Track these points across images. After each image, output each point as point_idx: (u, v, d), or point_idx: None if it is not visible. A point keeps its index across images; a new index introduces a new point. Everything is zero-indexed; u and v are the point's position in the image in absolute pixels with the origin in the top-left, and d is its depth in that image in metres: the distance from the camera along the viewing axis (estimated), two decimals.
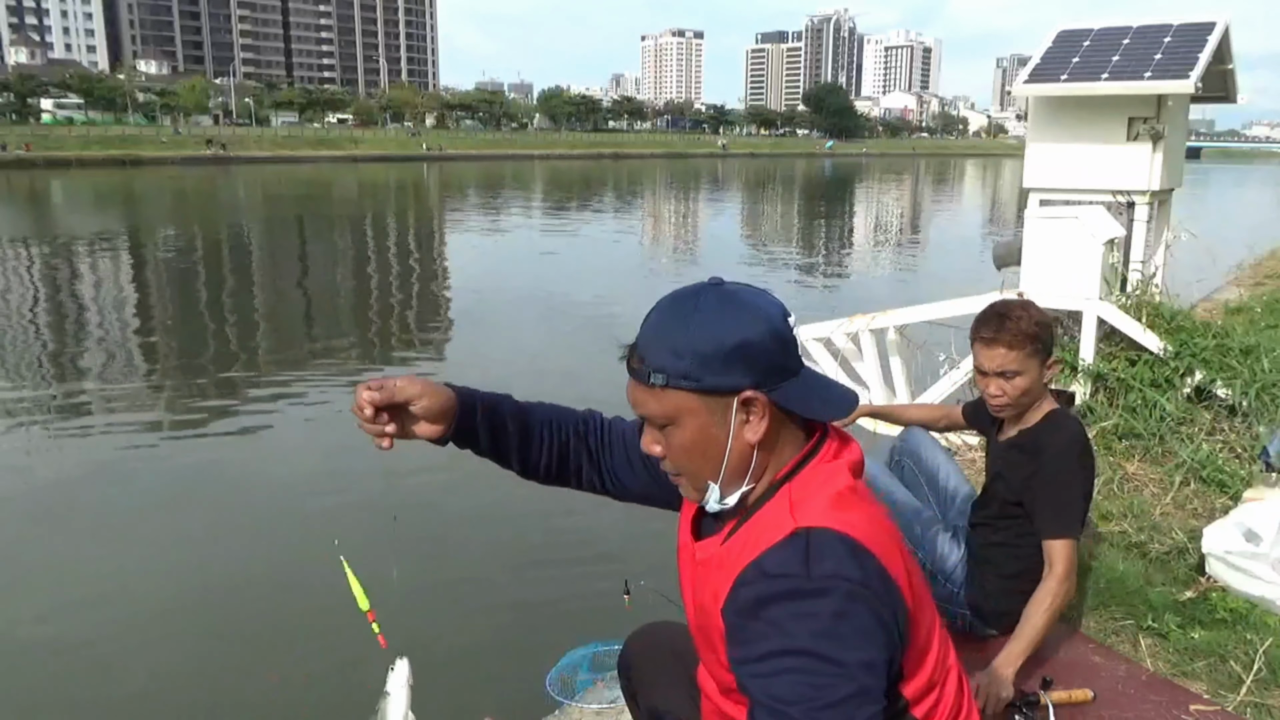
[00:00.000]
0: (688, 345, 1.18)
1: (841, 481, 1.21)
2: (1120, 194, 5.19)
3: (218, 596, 4.72)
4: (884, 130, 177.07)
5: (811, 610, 1.07)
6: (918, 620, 1.20)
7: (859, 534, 1.14)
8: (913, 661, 1.21)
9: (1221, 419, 4.17)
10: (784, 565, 1.11)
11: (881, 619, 1.10)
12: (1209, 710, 2.27)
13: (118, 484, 6.27)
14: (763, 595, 1.10)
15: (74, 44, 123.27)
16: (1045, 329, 2.40)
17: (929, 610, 1.27)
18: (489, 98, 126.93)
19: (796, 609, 1.08)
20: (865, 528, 1.16)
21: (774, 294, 1.25)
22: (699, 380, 1.18)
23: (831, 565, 1.10)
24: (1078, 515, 2.33)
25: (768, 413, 1.19)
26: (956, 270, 15.94)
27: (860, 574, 1.10)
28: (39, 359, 10.01)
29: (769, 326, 1.19)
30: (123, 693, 3.97)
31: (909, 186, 55.04)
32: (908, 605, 1.16)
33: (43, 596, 4.74)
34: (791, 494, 1.20)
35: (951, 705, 1.28)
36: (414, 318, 13.09)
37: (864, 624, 1.08)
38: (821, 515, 1.15)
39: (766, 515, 1.20)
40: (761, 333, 1.18)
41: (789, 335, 1.21)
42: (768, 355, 1.18)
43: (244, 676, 4.06)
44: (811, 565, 1.10)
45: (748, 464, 1.23)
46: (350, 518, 5.72)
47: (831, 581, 1.09)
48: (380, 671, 1.34)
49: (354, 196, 38.71)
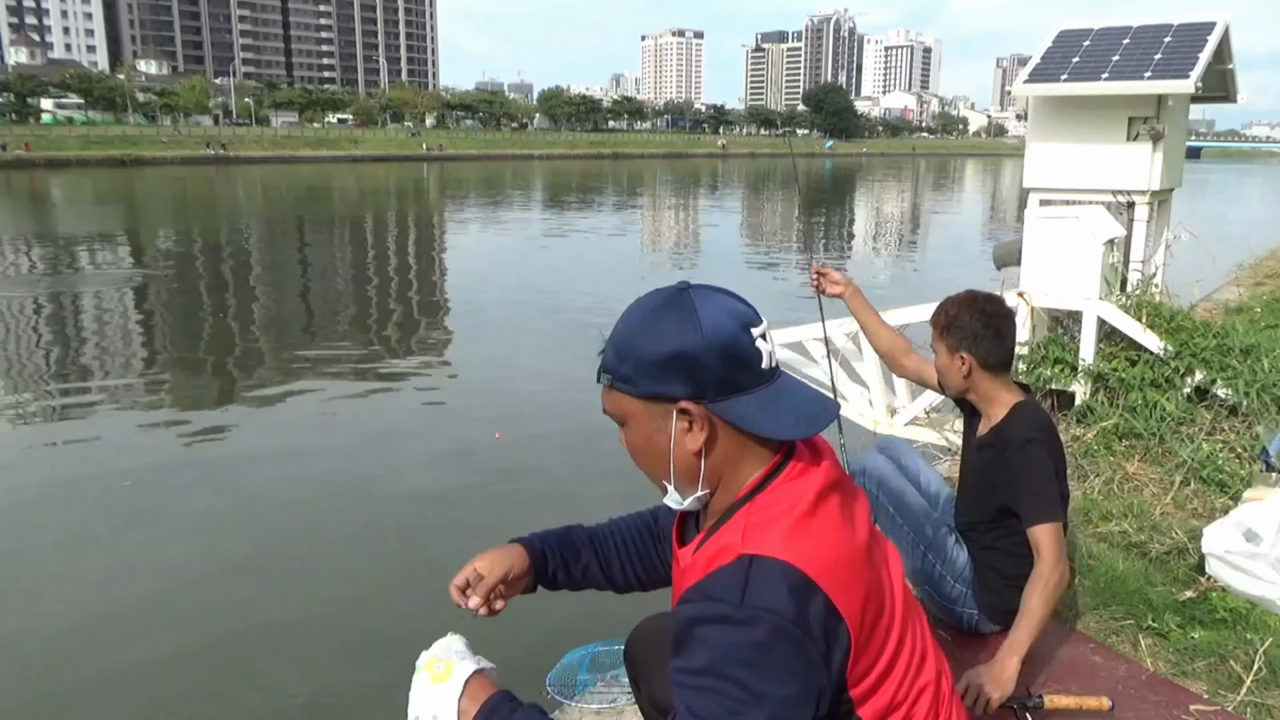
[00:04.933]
0: (630, 349, 1.19)
1: (803, 505, 1.18)
2: (1120, 194, 5.18)
3: (221, 595, 4.72)
4: (884, 130, 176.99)
5: (738, 639, 1.08)
6: (870, 649, 1.20)
7: (808, 567, 1.12)
8: (867, 686, 1.21)
9: (1221, 419, 4.17)
10: (722, 591, 1.12)
11: (809, 658, 1.10)
12: (1209, 710, 2.27)
13: (118, 483, 6.27)
14: (698, 615, 1.12)
15: (74, 44, 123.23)
16: (955, 317, 2.44)
17: (896, 633, 1.25)
18: (489, 98, 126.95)
19: (724, 635, 1.09)
20: (818, 559, 1.14)
21: (748, 302, 1.23)
22: (636, 385, 1.19)
23: (767, 598, 1.09)
24: (1054, 499, 2.33)
25: (707, 425, 1.19)
26: (956, 270, 15.94)
27: (793, 611, 1.09)
28: (39, 359, 10.00)
29: (716, 338, 1.16)
30: (125, 691, 3.97)
31: (909, 186, 55.03)
32: (850, 640, 1.15)
33: (46, 596, 4.74)
34: (749, 516, 1.19)
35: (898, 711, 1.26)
36: (414, 317, 13.09)
37: (787, 661, 1.08)
38: (771, 544, 1.14)
39: (724, 535, 1.20)
40: (705, 344, 1.16)
41: (742, 349, 1.18)
42: (708, 368, 1.16)
43: (245, 675, 4.06)
44: (747, 595, 1.10)
45: (695, 471, 1.22)
46: (352, 516, 5.72)
47: (762, 614, 1.08)
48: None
49: (354, 196, 38.71)
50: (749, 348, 1.18)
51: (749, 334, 1.19)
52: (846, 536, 1.21)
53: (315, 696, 3.92)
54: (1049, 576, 2.21)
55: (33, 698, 3.90)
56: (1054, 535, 2.26)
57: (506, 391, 8.56)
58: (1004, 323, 2.46)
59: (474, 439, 7.14)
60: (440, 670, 1.41)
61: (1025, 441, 2.38)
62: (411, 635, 4.68)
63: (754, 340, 1.19)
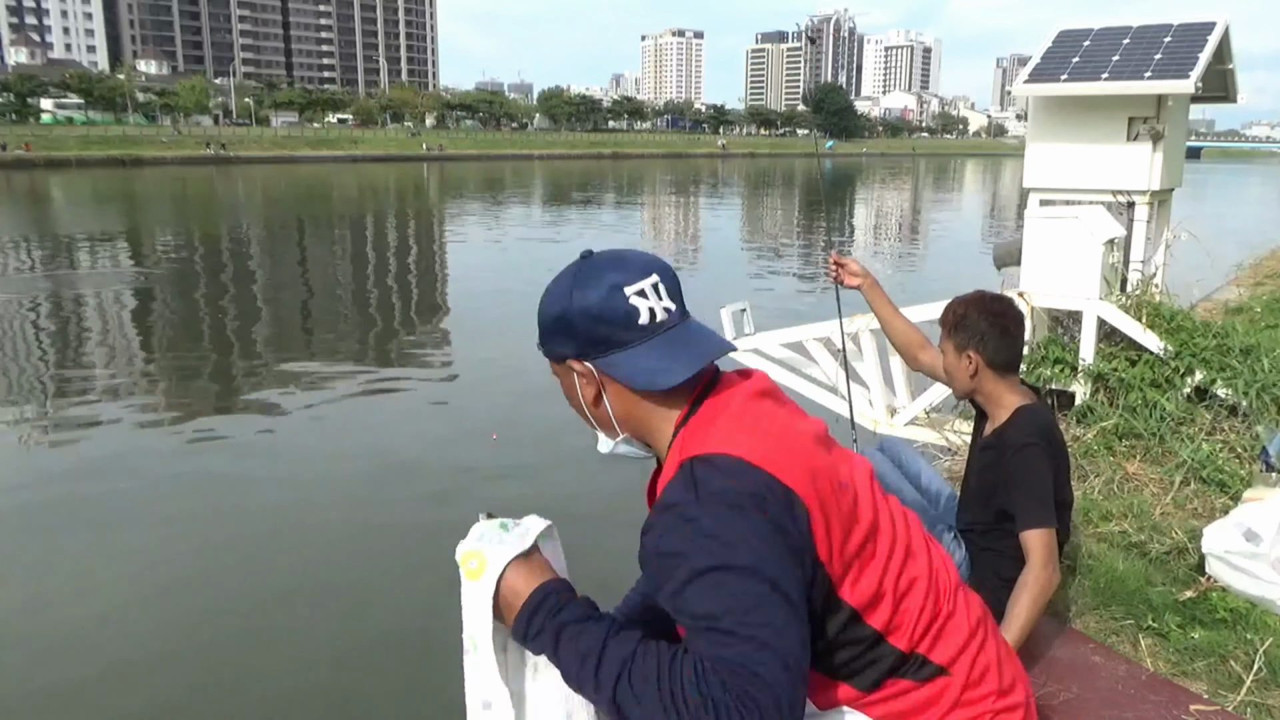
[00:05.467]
0: (538, 315, 1.33)
1: (732, 406, 1.25)
2: (1120, 194, 5.18)
3: (220, 595, 4.72)
4: (884, 130, 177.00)
5: (700, 530, 1.12)
6: (835, 525, 1.21)
7: (743, 450, 1.18)
8: (843, 567, 1.22)
9: (1221, 419, 4.16)
10: (673, 496, 1.17)
11: (776, 523, 1.14)
12: (1209, 710, 2.26)
13: (115, 484, 6.27)
14: (658, 527, 1.16)
15: (74, 44, 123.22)
16: (963, 316, 2.44)
17: (866, 520, 1.25)
18: (489, 98, 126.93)
19: (686, 533, 1.13)
20: (752, 442, 1.19)
21: (645, 259, 1.31)
22: (542, 346, 1.34)
23: (715, 484, 1.14)
24: (1047, 504, 2.33)
25: (594, 379, 1.29)
26: (956, 270, 15.94)
27: (739, 484, 1.14)
28: (37, 359, 10.00)
29: (582, 302, 1.26)
30: (123, 691, 3.97)
31: (909, 186, 55.03)
32: (807, 508, 1.17)
33: (43, 596, 4.74)
34: (684, 437, 1.25)
35: (916, 618, 1.27)
36: (413, 317, 13.08)
37: (751, 528, 1.12)
38: (705, 443, 1.20)
39: (668, 466, 1.26)
40: (574, 309, 1.26)
41: (610, 309, 1.25)
42: (579, 330, 1.27)
43: (245, 675, 4.06)
44: (697, 489, 1.15)
45: (605, 418, 1.33)
46: (349, 515, 5.72)
47: (712, 498, 1.13)
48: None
49: (354, 197, 38.71)
50: (619, 307, 1.25)
51: (621, 294, 1.25)
52: (784, 422, 1.27)
53: (314, 696, 3.92)
54: (1035, 583, 2.21)
55: (31, 698, 3.90)
56: (1044, 541, 2.26)
57: (504, 392, 8.55)
58: (1012, 323, 2.46)
59: (471, 439, 7.13)
60: (475, 566, 1.31)
61: (1022, 446, 2.37)
62: (410, 633, 4.69)
63: (628, 299, 1.25)
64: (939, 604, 1.31)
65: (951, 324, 2.47)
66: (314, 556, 5.22)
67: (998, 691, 1.32)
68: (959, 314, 2.47)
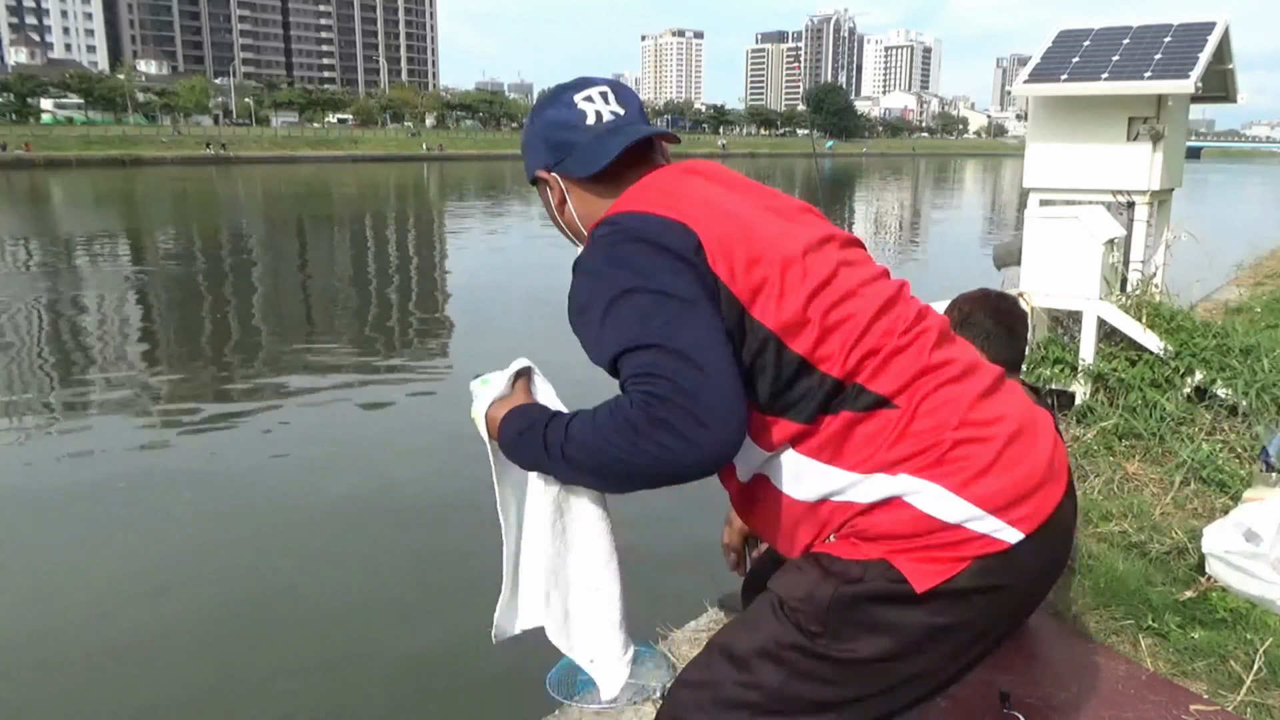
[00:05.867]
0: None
1: (648, 183, 1.31)
2: (1120, 194, 5.19)
3: (217, 595, 4.72)
4: (884, 130, 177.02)
5: (598, 274, 1.20)
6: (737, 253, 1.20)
7: (643, 206, 1.25)
8: (751, 291, 1.19)
9: (1221, 419, 4.17)
10: (582, 256, 1.26)
11: (665, 246, 1.18)
12: (1209, 710, 2.27)
13: (114, 483, 6.27)
14: (570, 293, 1.24)
15: (74, 44, 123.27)
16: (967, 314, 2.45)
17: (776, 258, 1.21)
18: (489, 98, 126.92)
19: (589, 281, 1.21)
20: (651, 200, 1.25)
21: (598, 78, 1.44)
22: (527, 174, 1.48)
23: (608, 234, 1.23)
24: None
25: (558, 185, 1.40)
26: (956, 270, 15.94)
27: (630, 227, 1.22)
28: (36, 359, 10.00)
29: (538, 116, 1.43)
30: (122, 692, 3.97)
31: (909, 186, 55.03)
32: (698, 236, 1.19)
33: (39, 598, 4.74)
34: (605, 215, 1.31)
35: (850, 348, 1.18)
36: (412, 316, 13.08)
37: (643, 254, 1.18)
38: (614, 209, 1.28)
39: None
40: (540, 121, 1.42)
41: (558, 115, 1.39)
42: (543, 138, 1.41)
43: (244, 675, 4.06)
44: (594, 244, 1.25)
45: (574, 227, 1.42)
46: (347, 514, 5.72)
47: (604, 243, 1.22)
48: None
49: (354, 197, 38.72)
50: (570, 113, 1.38)
51: (571, 101, 1.39)
52: (697, 188, 1.31)
53: (314, 694, 3.92)
54: None
55: (30, 699, 3.90)
56: None
57: None
58: (1017, 322, 2.47)
59: (470, 439, 7.12)
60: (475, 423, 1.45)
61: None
62: (409, 630, 4.68)
63: (576, 105, 1.38)
64: (883, 339, 1.21)
65: (957, 321, 2.48)
66: (313, 555, 5.22)
67: (961, 422, 1.18)
68: (964, 311, 2.47)
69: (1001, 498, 1.15)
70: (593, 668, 1.41)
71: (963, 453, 1.16)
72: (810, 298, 1.19)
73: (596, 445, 1.15)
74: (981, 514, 1.15)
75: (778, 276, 1.19)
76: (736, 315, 1.18)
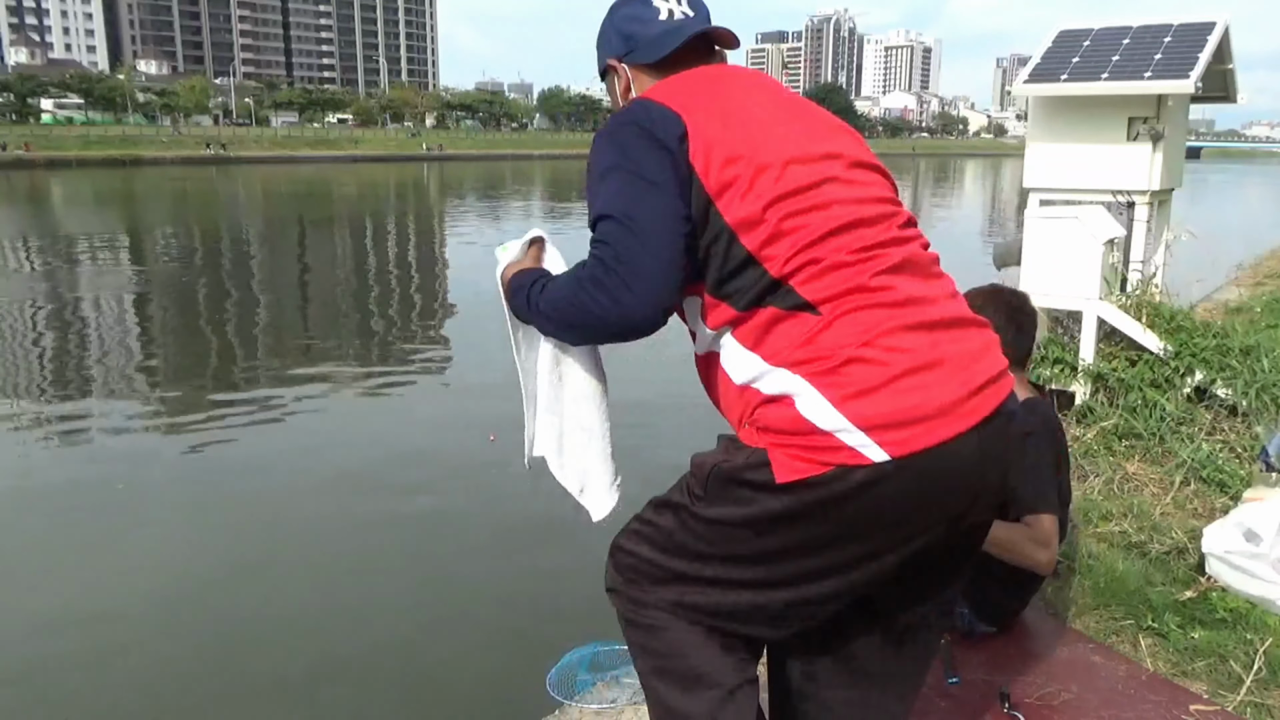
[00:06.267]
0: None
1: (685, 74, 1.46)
2: (1120, 194, 5.19)
3: (216, 594, 4.72)
4: (884, 130, 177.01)
5: (597, 147, 1.39)
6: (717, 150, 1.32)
7: (658, 94, 1.40)
8: (721, 186, 1.31)
9: (1221, 419, 4.17)
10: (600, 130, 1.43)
11: (653, 133, 1.33)
12: (1209, 710, 2.27)
13: (114, 483, 6.27)
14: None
15: (74, 44, 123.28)
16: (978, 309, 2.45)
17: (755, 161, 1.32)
18: (489, 98, 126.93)
19: (595, 152, 1.40)
20: (670, 92, 1.40)
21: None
22: (598, 69, 1.63)
23: (622, 116, 1.40)
24: (1049, 492, 2.37)
25: (624, 72, 1.55)
26: (956, 270, 15.91)
27: (637, 109, 1.38)
28: (35, 359, 10.00)
29: (625, 7, 1.56)
30: (120, 692, 3.97)
31: (909, 186, 55.04)
32: (685, 126, 1.33)
33: (37, 598, 4.75)
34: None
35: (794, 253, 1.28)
36: (412, 317, 13.08)
37: (628, 136, 1.35)
38: (641, 94, 1.45)
39: None
40: (616, 15, 1.57)
41: (633, 9, 1.54)
42: (617, 29, 1.56)
43: (242, 675, 4.06)
44: (610, 122, 1.42)
45: None
46: (346, 514, 5.72)
47: (616, 120, 1.40)
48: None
49: (354, 197, 38.72)
50: (642, 7, 1.54)
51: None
52: (720, 83, 1.44)
53: (314, 695, 3.92)
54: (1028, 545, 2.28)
55: (29, 699, 3.90)
56: (1045, 526, 2.30)
57: (502, 392, 8.53)
58: (1027, 319, 2.49)
59: (470, 439, 7.13)
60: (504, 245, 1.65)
61: (1025, 434, 2.39)
62: (409, 630, 4.67)
63: (650, 2, 1.53)
64: (831, 253, 1.29)
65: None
66: (313, 555, 5.22)
67: (865, 343, 1.25)
68: (977, 306, 2.46)
69: (877, 419, 1.22)
70: (582, 496, 1.65)
71: (854, 370, 1.24)
72: (773, 202, 1.29)
73: (556, 299, 1.39)
74: (852, 428, 1.22)
75: (749, 177, 1.30)
76: (704, 205, 1.31)
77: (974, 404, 1.28)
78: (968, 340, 1.35)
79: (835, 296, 1.27)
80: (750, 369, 1.32)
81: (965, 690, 2.33)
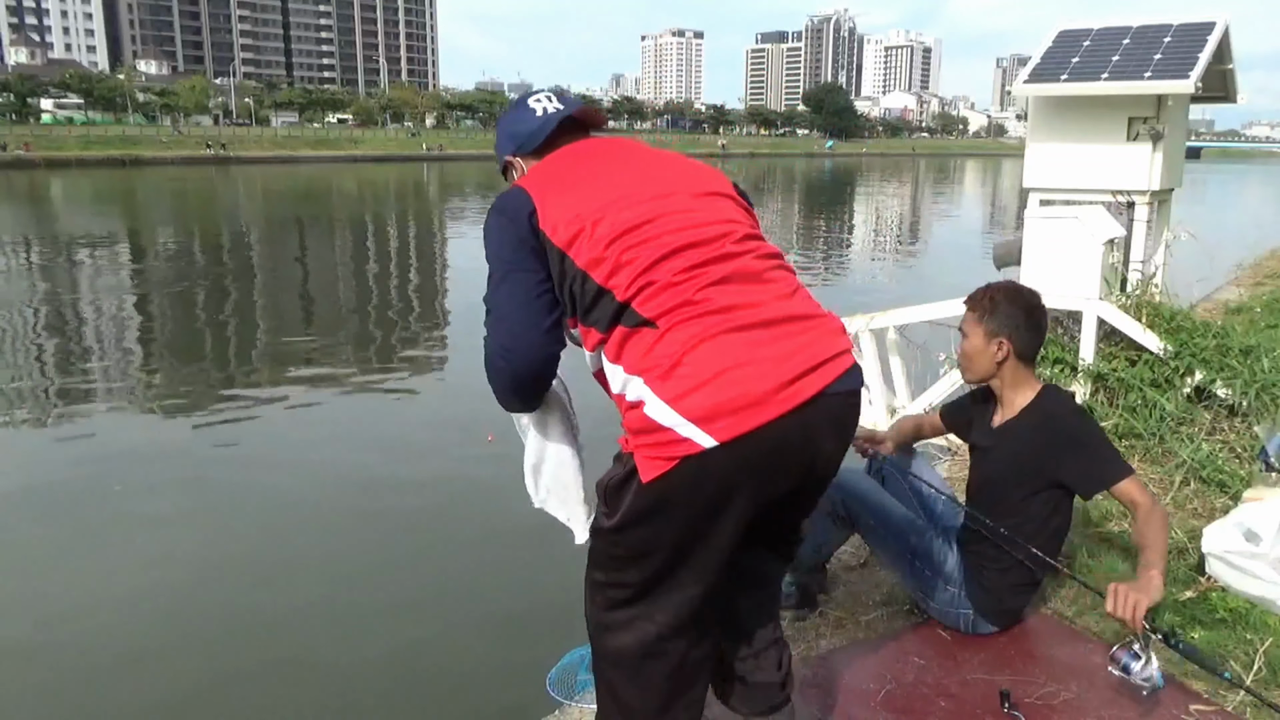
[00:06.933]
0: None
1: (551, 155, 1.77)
2: (1120, 194, 5.18)
3: (214, 594, 4.72)
4: (884, 130, 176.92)
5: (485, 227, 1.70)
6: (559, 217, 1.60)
7: (522, 179, 1.74)
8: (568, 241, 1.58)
9: (1221, 419, 4.16)
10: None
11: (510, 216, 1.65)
12: (1209, 710, 2.27)
13: (113, 483, 6.27)
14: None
15: (74, 44, 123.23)
16: (999, 304, 2.48)
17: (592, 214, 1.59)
18: (489, 98, 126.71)
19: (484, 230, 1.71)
20: (531, 174, 1.74)
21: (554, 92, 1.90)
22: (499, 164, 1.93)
23: (495, 204, 1.71)
24: (1111, 456, 2.44)
25: (517, 165, 1.85)
26: (956, 270, 15.94)
27: (502, 198, 1.69)
28: (34, 360, 10.00)
29: (510, 112, 1.90)
30: (119, 693, 3.97)
31: (909, 186, 55.02)
32: (533, 206, 1.63)
33: (35, 600, 4.75)
34: None
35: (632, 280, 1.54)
36: (411, 318, 13.09)
37: (497, 224, 1.67)
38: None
39: None
40: (504, 121, 1.90)
41: (517, 114, 1.87)
42: (506, 131, 1.88)
43: (242, 675, 4.06)
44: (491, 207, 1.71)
45: None
46: (344, 514, 5.72)
47: (491, 209, 1.71)
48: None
49: (354, 197, 38.71)
50: (523, 110, 1.87)
51: (525, 103, 1.88)
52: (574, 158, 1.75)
53: (315, 695, 3.92)
54: (1158, 514, 2.34)
55: (30, 699, 3.90)
56: (1138, 484, 2.38)
57: None
58: (1042, 317, 2.56)
59: (468, 439, 7.13)
60: None
61: (1076, 411, 2.51)
62: (409, 630, 4.67)
63: (528, 104, 1.87)
64: (662, 275, 1.54)
65: (986, 310, 2.51)
66: (313, 556, 5.22)
67: (691, 348, 1.49)
68: (994, 300, 2.52)
69: (702, 412, 1.46)
70: (568, 523, 1.99)
71: (683, 372, 1.48)
72: (611, 241, 1.56)
73: (488, 374, 1.72)
74: (685, 422, 1.47)
75: (590, 227, 1.58)
76: (558, 257, 1.59)
77: (792, 390, 1.50)
78: (789, 336, 1.56)
79: (667, 311, 1.52)
80: (618, 380, 1.58)
81: (965, 690, 2.33)
